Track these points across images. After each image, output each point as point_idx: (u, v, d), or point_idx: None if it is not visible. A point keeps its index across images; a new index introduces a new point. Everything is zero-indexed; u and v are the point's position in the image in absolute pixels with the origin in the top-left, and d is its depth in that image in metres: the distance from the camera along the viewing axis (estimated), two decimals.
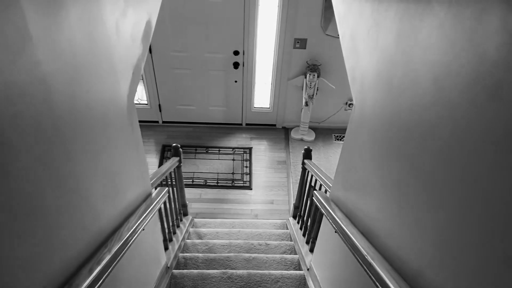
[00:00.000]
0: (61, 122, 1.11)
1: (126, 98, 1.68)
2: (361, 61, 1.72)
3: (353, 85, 1.83)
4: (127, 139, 1.76)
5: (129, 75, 1.70)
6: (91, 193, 1.36)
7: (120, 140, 1.65)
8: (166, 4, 3.98)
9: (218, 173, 4.49)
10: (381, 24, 1.47)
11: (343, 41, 1.99)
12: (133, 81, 1.76)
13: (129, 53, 1.68)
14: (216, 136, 4.97)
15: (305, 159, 3.33)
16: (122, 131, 1.68)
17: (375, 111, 1.53)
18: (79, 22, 1.18)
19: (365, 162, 1.64)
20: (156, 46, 4.31)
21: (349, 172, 1.86)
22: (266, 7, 4.10)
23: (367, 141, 1.62)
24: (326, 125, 5.02)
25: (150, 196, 2.08)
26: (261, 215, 4.11)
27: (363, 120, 1.66)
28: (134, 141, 1.85)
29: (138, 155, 1.92)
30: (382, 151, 1.46)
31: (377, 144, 1.50)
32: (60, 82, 1.09)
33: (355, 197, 1.78)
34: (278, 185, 4.42)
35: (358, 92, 1.75)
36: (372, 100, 1.57)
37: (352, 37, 1.84)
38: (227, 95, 4.78)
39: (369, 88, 1.59)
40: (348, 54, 1.90)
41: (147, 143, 4.81)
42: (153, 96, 4.76)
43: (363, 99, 1.67)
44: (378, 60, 1.50)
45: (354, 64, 1.82)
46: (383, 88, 1.44)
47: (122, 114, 1.65)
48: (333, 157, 4.66)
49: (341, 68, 4.45)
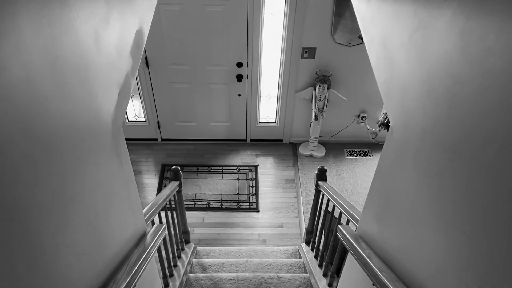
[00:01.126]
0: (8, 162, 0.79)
1: (110, 123, 1.36)
2: (399, 73, 1.40)
3: (388, 101, 1.50)
4: (114, 173, 1.44)
5: (114, 95, 1.38)
6: (60, 256, 1.02)
7: (103, 175, 1.33)
8: (163, 14, 3.69)
9: (222, 194, 4.16)
10: (432, 26, 1.15)
11: (371, 50, 1.68)
12: (120, 102, 1.44)
13: (113, 69, 1.36)
14: (219, 154, 4.64)
15: (319, 180, 3.00)
16: (106, 164, 1.35)
17: (426, 136, 1.20)
18: (34, 30, 0.86)
19: (413, 192, 1.30)
20: (153, 59, 4.02)
21: (387, 205, 1.53)
22: (271, 15, 3.81)
23: (414, 167, 1.29)
24: (337, 140, 4.69)
25: (145, 239, 1.74)
26: (270, 241, 3.76)
27: (408, 143, 1.33)
28: (122, 174, 1.52)
29: (128, 191, 1.59)
30: (443, 182, 1.12)
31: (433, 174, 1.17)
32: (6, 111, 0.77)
33: (398, 237, 1.44)
34: (287, 206, 4.08)
35: (396, 111, 1.42)
36: (420, 122, 1.24)
37: (384, 45, 1.53)
38: (230, 109, 4.46)
39: (415, 107, 1.26)
40: (379, 65, 1.59)
41: (146, 163, 4.48)
42: (151, 113, 4.45)
43: (406, 120, 1.34)
44: (428, 72, 1.17)
45: (388, 77, 1.50)
46: (440, 109, 1.11)
47: (104, 143, 1.33)
48: (346, 174, 4.33)
49: (352, 79, 4.14)
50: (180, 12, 3.68)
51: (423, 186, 1.23)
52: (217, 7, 3.66)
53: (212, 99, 4.37)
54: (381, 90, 1.57)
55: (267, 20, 3.83)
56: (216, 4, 3.64)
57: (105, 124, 1.30)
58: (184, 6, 3.63)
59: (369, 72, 4.06)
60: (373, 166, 4.43)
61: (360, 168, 4.40)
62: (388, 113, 1.51)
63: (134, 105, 4.51)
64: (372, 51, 1.68)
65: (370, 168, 4.40)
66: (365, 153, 4.59)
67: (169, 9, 3.66)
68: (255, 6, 3.67)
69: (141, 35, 1.68)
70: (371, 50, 1.68)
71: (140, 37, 1.68)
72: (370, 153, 4.60)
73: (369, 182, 4.29)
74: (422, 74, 1.24)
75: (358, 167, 4.42)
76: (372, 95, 4.28)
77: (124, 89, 1.48)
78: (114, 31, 1.37)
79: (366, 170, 4.38)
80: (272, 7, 3.76)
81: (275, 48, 4.03)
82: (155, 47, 3.92)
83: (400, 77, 1.38)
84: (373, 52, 1.65)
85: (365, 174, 4.34)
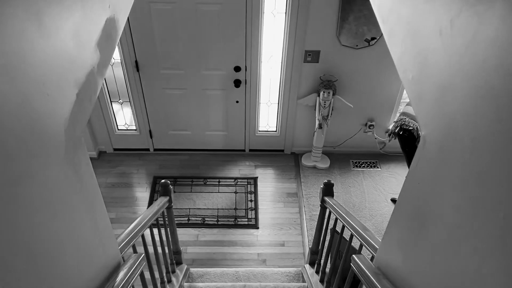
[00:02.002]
0: None
1: (62, 132, 1.05)
2: (435, 68, 1.09)
3: (418, 104, 1.20)
4: (69, 194, 1.12)
5: (69, 96, 1.07)
6: None
7: (49, 198, 1.02)
8: (154, 13, 3.41)
9: (218, 209, 3.83)
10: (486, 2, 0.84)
11: (393, 44, 1.38)
12: (79, 106, 1.13)
13: (68, 62, 1.06)
14: (215, 165, 4.32)
15: (326, 196, 2.69)
16: (55, 184, 1.04)
17: (477, 147, 0.89)
18: None
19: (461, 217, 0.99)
20: (144, 62, 3.72)
21: (419, 230, 1.21)
22: (271, 15, 3.53)
23: (461, 189, 0.98)
24: (342, 150, 4.38)
25: (117, 275, 1.42)
26: (270, 261, 3.43)
27: (450, 156, 1.02)
28: (83, 195, 1.21)
29: (92, 215, 1.28)
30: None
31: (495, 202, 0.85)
32: None
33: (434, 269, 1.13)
34: (288, 222, 3.75)
35: (431, 116, 1.11)
36: (468, 128, 0.93)
37: (411, 35, 1.23)
38: (228, 117, 4.16)
39: (460, 110, 0.96)
40: (405, 61, 1.28)
41: (137, 175, 4.17)
42: (143, 121, 4.15)
43: (446, 127, 1.03)
44: (480, 65, 0.87)
45: (418, 74, 1.20)
46: (500, 112, 0.80)
47: (55, 157, 1.02)
48: (353, 187, 4.00)
49: (359, 84, 3.84)
50: (173, 11, 3.39)
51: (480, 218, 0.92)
52: (213, 6, 3.38)
53: (208, 106, 4.07)
54: (408, 90, 1.27)
55: (267, 20, 3.55)
56: (211, 2, 3.36)
57: (53, 132, 1.00)
58: (177, 5, 3.35)
59: (377, 77, 3.77)
60: (382, 178, 4.11)
61: (368, 181, 4.08)
62: (419, 118, 1.20)
63: (124, 113, 4.21)
64: (394, 45, 1.38)
65: (378, 180, 4.08)
66: (373, 165, 4.27)
67: (160, 8, 3.38)
68: (254, 5, 3.39)
69: (113, 25, 1.38)
70: (393, 44, 1.39)
71: (113, 26, 1.38)
72: (378, 164, 4.28)
73: (378, 195, 4.00)
74: (471, 67, 0.93)
75: (365, 179, 4.10)
76: (381, 102, 3.98)
77: (86, 89, 1.18)
78: (71, 15, 1.07)
79: (374, 183, 4.06)
80: (273, 6, 3.48)
81: (276, 51, 3.74)
82: (146, 49, 3.63)
83: (437, 72, 1.08)
84: (396, 45, 1.35)
85: (373, 187, 4.02)
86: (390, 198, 3.89)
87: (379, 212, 3.77)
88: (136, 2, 3.34)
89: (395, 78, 3.77)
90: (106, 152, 4.38)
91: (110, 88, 3.96)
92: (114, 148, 4.36)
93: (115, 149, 4.37)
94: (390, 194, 3.94)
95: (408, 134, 3.18)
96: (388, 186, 4.03)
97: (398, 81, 3.81)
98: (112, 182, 4.06)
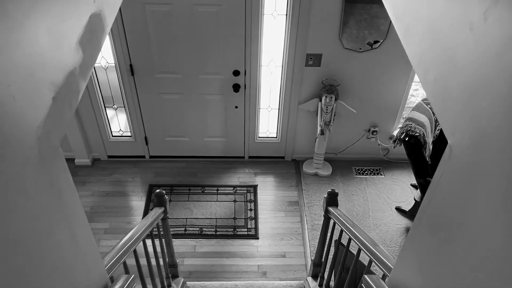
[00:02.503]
0: None
1: (35, 140, 0.90)
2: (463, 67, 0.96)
3: (443, 107, 1.06)
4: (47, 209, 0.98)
5: (44, 100, 0.93)
6: None
7: (20, 216, 0.87)
8: (149, 14, 3.28)
9: (217, 219, 3.68)
10: None
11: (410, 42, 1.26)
12: (56, 111, 0.99)
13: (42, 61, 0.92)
14: (213, 172, 4.17)
15: (330, 206, 2.54)
16: (27, 201, 0.90)
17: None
18: None
19: None
20: (139, 66, 3.59)
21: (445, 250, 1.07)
22: (272, 17, 3.40)
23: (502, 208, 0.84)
24: (344, 157, 4.23)
25: None
26: (271, 273, 3.28)
27: (486, 169, 0.88)
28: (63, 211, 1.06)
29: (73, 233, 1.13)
30: None
31: None
32: None
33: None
34: (290, 232, 3.60)
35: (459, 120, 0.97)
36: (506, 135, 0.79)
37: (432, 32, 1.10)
38: (226, 123, 4.02)
39: (496, 114, 0.82)
40: (425, 60, 1.15)
41: (132, 183, 4.02)
42: (138, 127, 4.00)
43: (476, 133, 0.89)
44: None
45: (441, 74, 1.06)
46: None
47: (27, 171, 0.87)
48: (356, 195, 3.86)
49: (363, 89, 3.71)
50: (169, 12, 3.26)
51: None
52: (211, 7, 3.25)
53: (205, 112, 3.93)
54: (429, 92, 1.14)
55: (267, 22, 3.42)
56: (210, 4, 3.24)
57: (22, 141, 0.85)
58: (173, 6, 3.22)
59: (381, 81, 3.64)
60: (385, 186, 3.97)
61: (371, 189, 3.93)
62: (443, 123, 1.06)
63: (119, 119, 4.07)
64: (411, 44, 1.25)
65: (381, 188, 3.94)
66: (376, 172, 4.13)
67: (156, 10, 3.25)
68: (253, 7, 3.26)
69: (99, 22, 1.25)
70: (409, 43, 1.26)
71: (98, 23, 1.24)
72: (381, 171, 4.14)
73: (382, 204, 3.85)
74: (508, 65, 0.80)
75: (368, 187, 3.96)
76: (384, 107, 3.85)
77: (65, 93, 1.03)
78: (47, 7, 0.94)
79: (377, 191, 3.91)
80: (273, 8, 3.35)
81: (276, 54, 3.61)
82: (141, 52, 3.49)
83: (465, 72, 0.95)
84: (414, 45, 1.23)
85: (377, 195, 3.87)
86: (395, 207, 3.74)
87: (383, 222, 3.62)
88: (131, 3, 3.23)
89: (399, 82, 3.64)
90: (100, 160, 4.23)
91: (104, 93, 3.82)
92: (108, 155, 4.21)
93: (110, 156, 4.22)
94: (395, 203, 3.79)
95: (414, 140, 3.04)
96: (392, 194, 3.88)
97: (403, 85, 3.68)
98: (106, 191, 3.91)
